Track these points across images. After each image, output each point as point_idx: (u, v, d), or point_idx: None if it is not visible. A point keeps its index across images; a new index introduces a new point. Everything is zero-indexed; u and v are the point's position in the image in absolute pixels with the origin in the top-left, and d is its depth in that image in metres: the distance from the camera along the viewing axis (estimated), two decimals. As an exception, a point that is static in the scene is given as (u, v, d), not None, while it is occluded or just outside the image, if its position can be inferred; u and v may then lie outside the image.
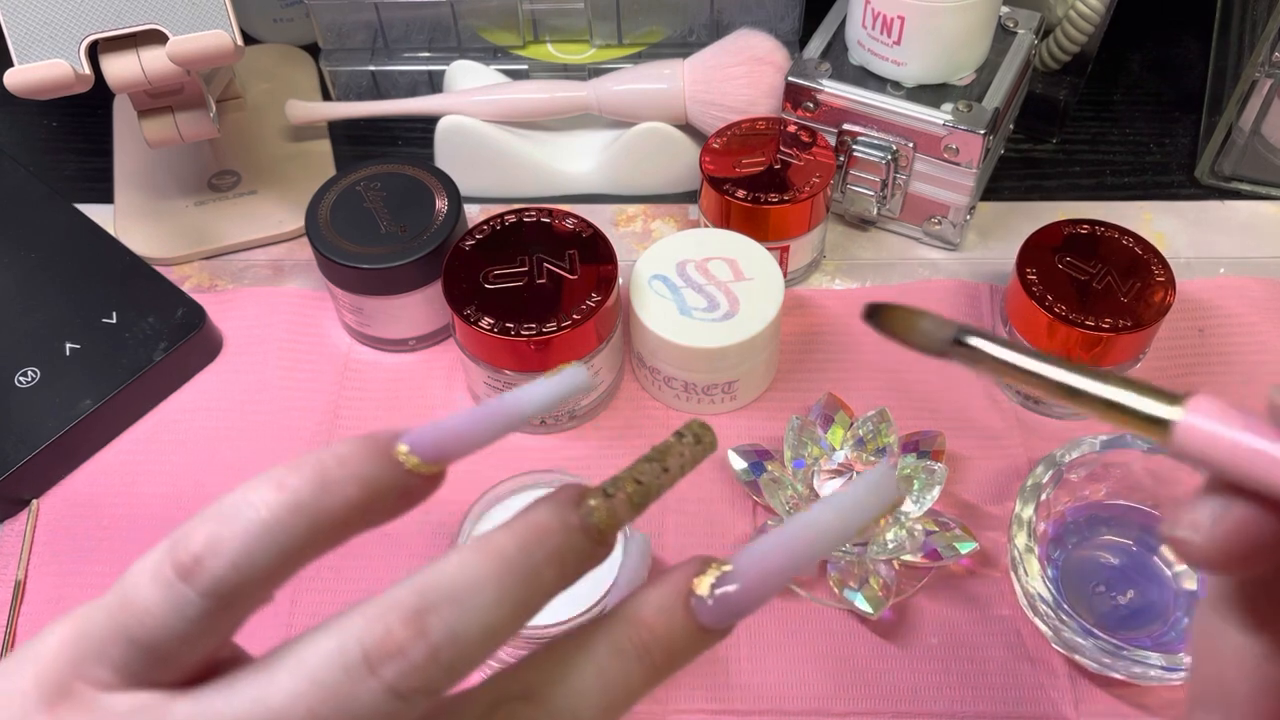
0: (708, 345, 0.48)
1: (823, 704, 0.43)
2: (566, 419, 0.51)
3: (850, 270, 0.57)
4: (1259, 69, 0.55)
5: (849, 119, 0.54)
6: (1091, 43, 0.59)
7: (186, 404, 0.53)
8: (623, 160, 0.59)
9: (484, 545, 0.22)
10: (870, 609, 0.44)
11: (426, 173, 0.53)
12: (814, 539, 0.24)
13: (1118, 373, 0.23)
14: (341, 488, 0.22)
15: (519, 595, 0.22)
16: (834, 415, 0.49)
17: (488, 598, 0.22)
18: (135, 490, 0.50)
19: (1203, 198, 0.60)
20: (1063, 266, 0.49)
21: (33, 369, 0.51)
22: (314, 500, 0.22)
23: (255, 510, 0.21)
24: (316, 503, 0.22)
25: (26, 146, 0.65)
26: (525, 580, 0.22)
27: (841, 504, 0.24)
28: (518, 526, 0.23)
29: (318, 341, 0.55)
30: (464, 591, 0.21)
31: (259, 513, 0.21)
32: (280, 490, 0.22)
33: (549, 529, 0.23)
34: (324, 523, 0.22)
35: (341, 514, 0.22)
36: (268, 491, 0.22)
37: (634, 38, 0.63)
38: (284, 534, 0.21)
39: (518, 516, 0.23)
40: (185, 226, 0.59)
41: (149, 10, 0.45)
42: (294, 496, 0.22)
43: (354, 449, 0.23)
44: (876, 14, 0.51)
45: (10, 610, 0.46)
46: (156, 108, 0.51)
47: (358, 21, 0.62)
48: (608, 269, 0.48)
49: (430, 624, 0.21)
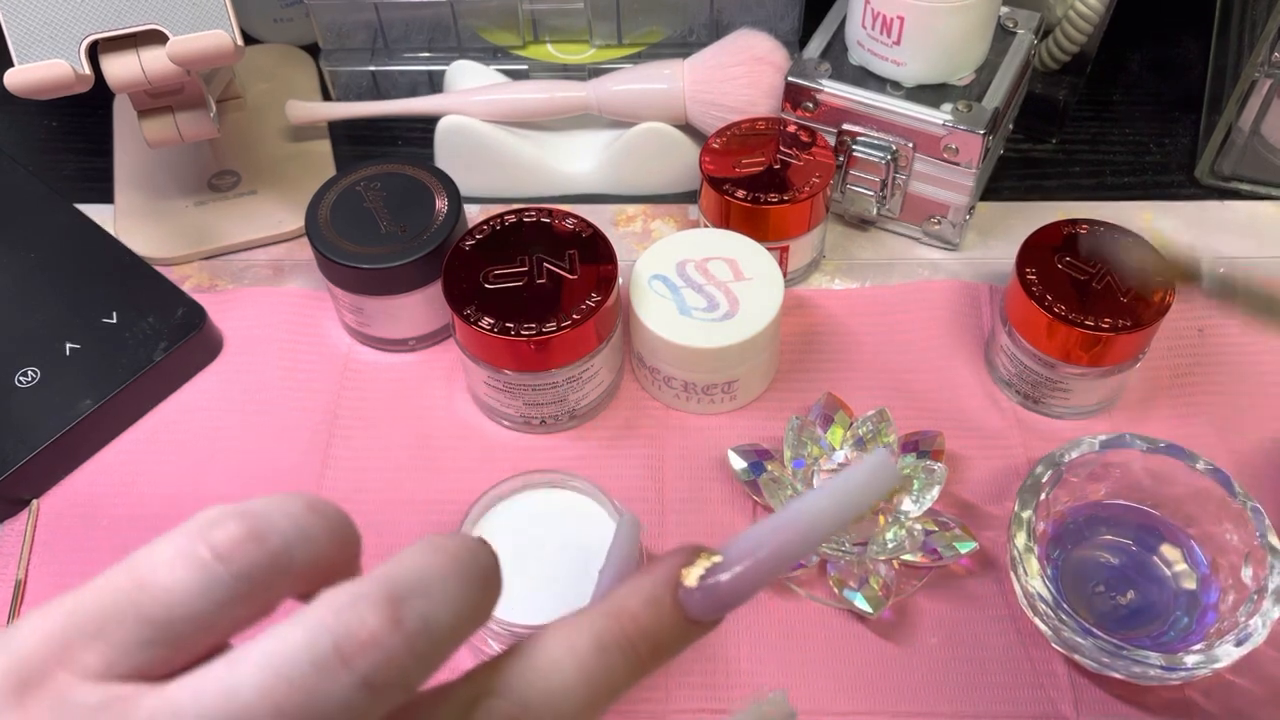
0: (708, 345, 0.48)
1: (823, 704, 0.43)
2: (566, 419, 0.51)
3: (850, 270, 0.57)
4: (1259, 69, 0.55)
5: (849, 119, 0.54)
6: (1091, 43, 0.59)
7: (186, 404, 0.53)
8: (623, 160, 0.59)
9: (432, 545, 0.22)
10: (870, 609, 0.44)
11: (426, 173, 0.53)
12: (807, 527, 0.23)
13: None
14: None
15: (478, 592, 0.22)
16: (834, 415, 0.49)
17: (453, 588, 0.21)
18: (135, 490, 0.50)
19: (1202, 198, 0.60)
20: (1062, 266, 0.49)
21: (33, 369, 0.51)
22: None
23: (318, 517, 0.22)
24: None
25: (26, 146, 0.65)
26: (480, 576, 0.22)
27: (836, 490, 0.24)
28: (456, 536, 0.23)
29: (318, 341, 0.55)
30: (431, 583, 0.21)
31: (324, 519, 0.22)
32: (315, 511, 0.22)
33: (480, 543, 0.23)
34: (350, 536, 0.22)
35: None
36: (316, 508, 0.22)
37: (634, 38, 0.63)
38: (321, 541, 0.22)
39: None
40: (185, 226, 0.59)
41: (149, 10, 0.45)
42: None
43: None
44: (876, 14, 0.51)
45: (10, 610, 0.46)
46: (156, 108, 0.51)
47: (358, 21, 0.62)
48: (608, 269, 0.48)
49: (404, 613, 0.20)
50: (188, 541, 0.21)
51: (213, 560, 0.21)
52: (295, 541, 0.21)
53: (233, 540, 0.21)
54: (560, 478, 0.44)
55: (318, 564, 0.22)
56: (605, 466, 0.50)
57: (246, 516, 0.21)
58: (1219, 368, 0.53)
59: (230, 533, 0.21)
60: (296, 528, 0.22)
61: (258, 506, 0.22)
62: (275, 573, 0.21)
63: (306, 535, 0.22)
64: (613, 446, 0.51)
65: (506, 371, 0.48)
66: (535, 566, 0.43)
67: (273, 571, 0.21)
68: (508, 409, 0.50)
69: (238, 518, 0.21)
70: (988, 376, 0.53)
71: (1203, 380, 0.52)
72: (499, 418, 0.51)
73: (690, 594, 0.23)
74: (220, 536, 0.21)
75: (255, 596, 0.21)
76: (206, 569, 0.21)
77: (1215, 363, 0.53)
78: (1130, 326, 0.47)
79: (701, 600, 0.23)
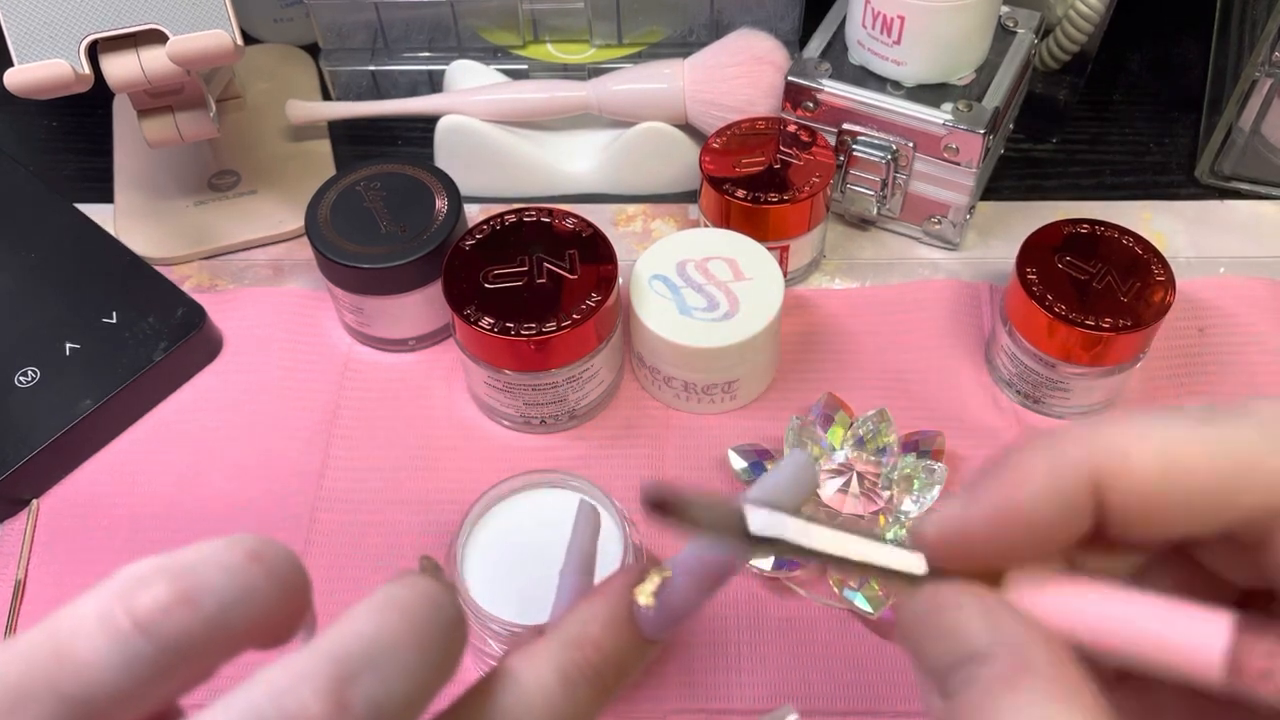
0: (708, 345, 0.48)
1: (823, 704, 0.43)
2: (566, 419, 0.51)
3: (850, 270, 0.57)
4: (1259, 69, 0.55)
5: (849, 119, 0.54)
6: (1091, 43, 0.59)
7: (186, 404, 0.53)
8: (623, 160, 0.59)
9: (387, 601, 0.20)
10: (870, 609, 0.44)
11: (426, 172, 0.53)
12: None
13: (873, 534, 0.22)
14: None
15: (437, 655, 0.20)
16: (834, 415, 0.49)
17: (408, 657, 0.19)
18: (135, 490, 0.50)
19: (1202, 197, 0.60)
20: (1063, 266, 0.49)
21: (33, 369, 0.51)
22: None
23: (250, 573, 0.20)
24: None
25: (26, 146, 0.65)
26: (441, 634, 0.20)
27: (762, 493, 0.23)
28: (415, 584, 0.21)
29: (318, 341, 0.55)
30: (383, 653, 0.19)
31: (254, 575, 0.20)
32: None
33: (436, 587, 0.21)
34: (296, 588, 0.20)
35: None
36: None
37: (634, 38, 0.63)
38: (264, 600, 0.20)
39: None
40: (185, 226, 0.59)
41: (149, 10, 0.45)
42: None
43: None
44: (876, 14, 0.51)
45: (10, 610, 0.46)
46: (156, 107, 0.51)
47: (358, 21, 0.62)
48: (608, 269, 0.48)
49: (352, 696, 0.18)
50: (109, 605, 0.19)
51: (133, 631, 0.18)
52: (233, 601, 0.19)
53: (159, 605, 0.18)
54: (560, 478, 0.44)
55: (261, 621, 0.20)
56: (605, 466, 0.50)
57: (178, 576, 0.19)
58: (1219, 368, 0.53)
59: (157, 596, 0.19)
60: (235, 585, 0.19)
61: (191, 560, 0.19)
62: (209, 640, 0.19)
63: (246, 591, 0.19)
64: (613, 446, 0.51)
65: (506, 371, 0.48)
66: (535, 566, 0.43)
67: (206, 639, 0.19)
68: (508, 409, 0.50)
69: (167, 577, 0.19)
70: (988, 376, 0.53)
71: (1203, 380, 0.52)
72: (499, 418, 0.51)
73: (645, 613, 0.23)
74: (145, 601, 0.18)
75: (187, 667, 0.19)
76: (127, 642, 0.18)
77: (1215, 363, 0.53)
78: (1130, 326, 0.47)
79: (656, 617, 0.23)
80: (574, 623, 0.23)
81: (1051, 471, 0.20)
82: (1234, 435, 0.20)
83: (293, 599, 0.20)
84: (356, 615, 0.20)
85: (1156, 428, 0.20)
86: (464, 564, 0.42)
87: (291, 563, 0.20)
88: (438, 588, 0.21)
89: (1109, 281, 0.48)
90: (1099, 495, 0.20)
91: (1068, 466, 0.20)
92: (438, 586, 0.21)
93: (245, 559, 0.20)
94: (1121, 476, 0.20)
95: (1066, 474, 0.20)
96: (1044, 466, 0.20)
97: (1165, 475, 0.20)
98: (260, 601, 0.20)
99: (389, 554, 0.48)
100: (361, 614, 0.20)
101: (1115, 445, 0.20)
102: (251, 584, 0.19)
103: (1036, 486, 0.20)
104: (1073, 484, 0.20)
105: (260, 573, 0.20)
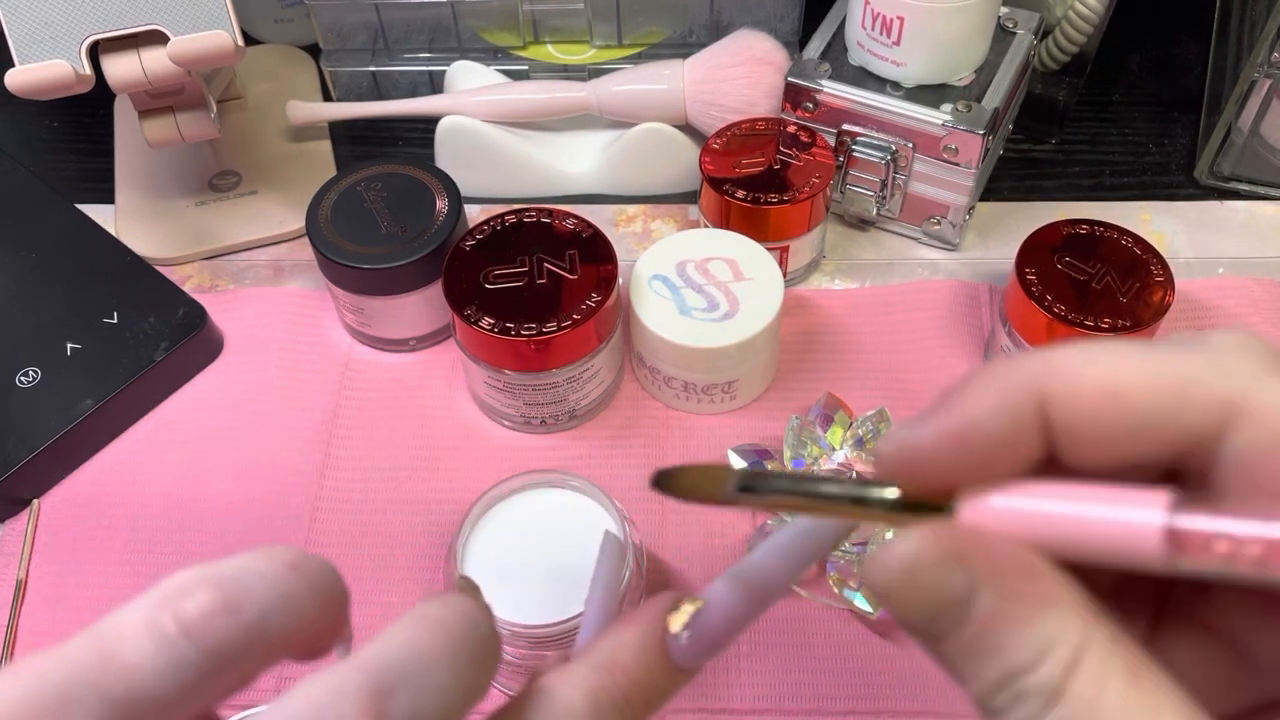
0: (708, 345, 0.48)
1: (822, 704, 0.43)
2: (566, 419, 0.51)
3: (850, 270, 0.57)
4: (1258, 69, 0.55)
5: (848, 119, 0.54)
6: (1091, 43, 0.59)
7: (187, 404, 0.53)
8: (623, 160, 0.59)
9: (424, 619, 0.21)
10: (870, 608, 0.44)
11: (427, 173, 0.53)
12: (790, 561, 0.23)
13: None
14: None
15: (473, 671, 0.20)
16: (834, 415, 0.49)
17: (445, 673, 0.20)
18: (136, 490, 0.50)
19: (1202, 198, 0.60)
20: (1062, 267, 0.49)
21: (33, 369, 0.51)
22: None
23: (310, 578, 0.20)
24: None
25: (27, 147, 0.65)
26: (478, 650, 0.21)
27: (809, 527, 0.24)
28: (451, 602, 0.22)
29: (318, 341, 0.55)
30: (421, 669, 0.20)
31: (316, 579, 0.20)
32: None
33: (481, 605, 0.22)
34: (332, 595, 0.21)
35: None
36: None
37: (634, 38, 0.63)
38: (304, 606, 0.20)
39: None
40: (186, 226, 0.59)
41: (150, 11, 0.45)
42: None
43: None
44: (876, 14, 0.51)
45: (11, 610, 0.46)
46: (157, 108, 0.51)
47: (358, 22, 0.62)
48: (608, 269, 0.48)
49: (390, 710, 0.19)
50: (155, 612, 0.19)
51: (179, 636, 0.19)
52: (273, 610, 0.20)
53: (203, 612, 0.19)
54: (560, 478, 0.44)
55: (299, 631, 0.20)
56: (605, 466, 0.50)
57: (220, 584, 0.19)
58: (1218, 368, 0.53)
59: (200, 604, 0.19)
60: (275, 593, 0.20)
61: (233, 570, 0.20)
62: (250, 647, 0.19)
63: (286, 601, 0.20)
64: (613, 446, 0.51)
65: (506, 371, 0.48)
66: (535, 566, 0.43)
67: (247, 646, 0.19)
68: (508, 409, 0.50)
69: (210, 585, 0.19)
70: (987, 376, 0.53)
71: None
72: (499, 418, 0.51)
73: (678, 641, 0.23)
74: (190, 608, 0.19)
75: (228, 673, 0.19)
76: (173, 646, 0.19)
77: (1215, 363, 0.53)
78: (1130, 326, 0.47)
79: (689, 647, 0.23)
80: (606, 648, 0.23)
81: (1001, 390, 0.21)
82: (1179, 359, 0.20)
83: (331, 611, 0.21)
84: (395, 631, 0.20)
85: (1105, 352, 0.20)
86: (464, 564, 0.42)
87: (331, 575, 0.21)
88: (475, 607, 0.21)
89: (1108, 282, 0.48)
90: (1046, 414, 0.20)
91: (1017, 386, 0.21)
92: (475, 606, 0.21)
93: (286, 569, 0.20)
94: (1067, 396, 0.20)
95: (1015, 393, 0.20)
96: (995, 386, 0.21)
97: (1107, 395, 0.20)
98: (299, 612, 0.20)
99: (389, 554, 0.48)
100: (400, 630, 0.20)
101: (1063, 366, 0.20)
102: (291, 594, 0.20)
103: (987, 404, 0.21)
104: (1021, 402, 0.20)
105: (300, 583, 0.20)
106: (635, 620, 0.24)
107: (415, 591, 0.47)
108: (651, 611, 0.24)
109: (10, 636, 0.46)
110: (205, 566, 0.20)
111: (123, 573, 0.48)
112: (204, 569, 0.20)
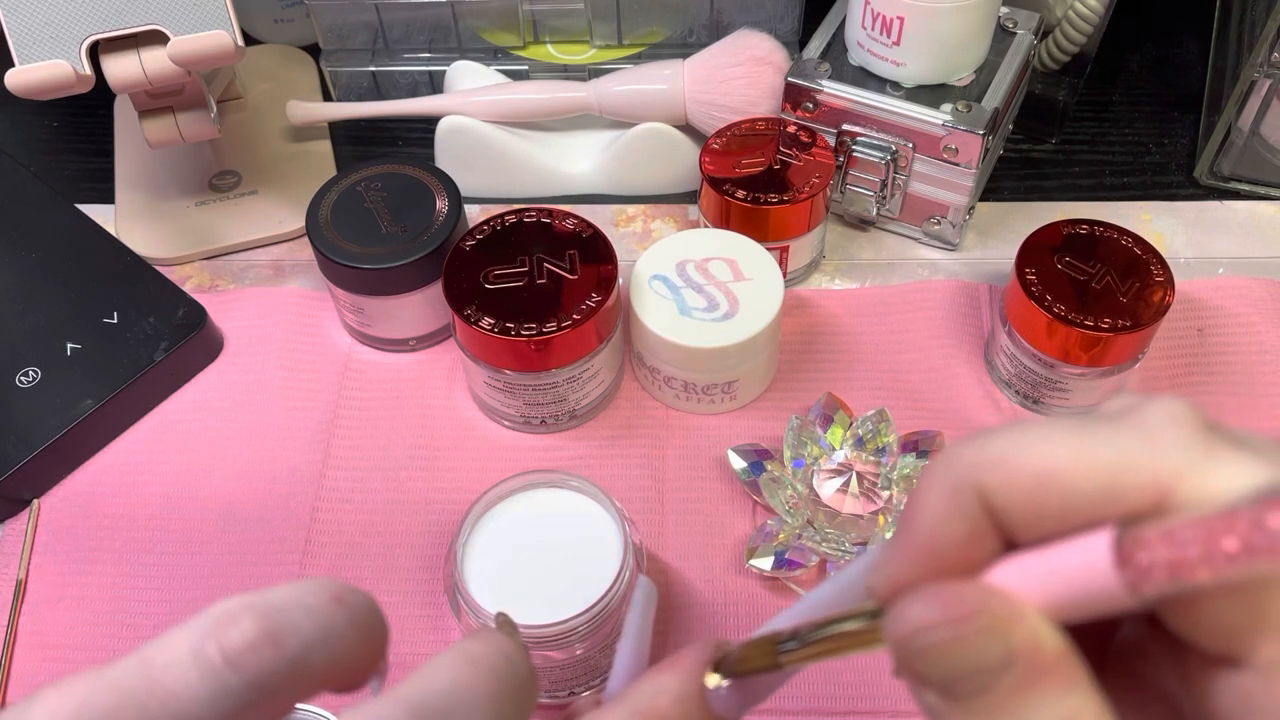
0: (708, 345, 0.48)
1: (822, 704, 0.43)
2: (566, 419, 0.51)
3: (850, 270, 0.57)
4: (1258, 69, 0.55)
5: (848, 119, 0.54)
6: (1091, 43, 0.59)
7: (187, 404, 0.53)
8: (623, 160, 0.59)
9: (465, 656, 0.21)
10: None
11: (427, 173, 0.53)
12: (827, 603, 0.23)
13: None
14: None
15: (511, 710, 0.21)
16: (833, 415, 0.49)
17: (484, 711, 0.20)
18: (136, 490, 0.50)
19: (1202, 198, 0.60)
20: (1062, 267, 0.49)
21: (34, 369, 0.51)
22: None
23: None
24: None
25: (28, 147, 0.65)
26: (517, 690, 0.21)
27: (855, 570, 0.24)
28: (491, 640, 0.22)
29: (318, 341, 0.55)
30: (461, 707, 0.20)
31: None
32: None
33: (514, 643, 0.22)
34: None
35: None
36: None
37: (634, 38, 0.63)
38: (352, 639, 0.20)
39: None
40: (186, 226, 0.59)
41: (150, 11, 0.45)
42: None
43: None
44: (876, 14, 0.51)
45: (11, 610, 0.46)
46: (157, 108, 0.51)
47: (358, 22, 0.62)
48: (608, 269, 0.48)
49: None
50: (201, 640, 0.19)
51: (224, 666, 0.19)
52: (316, 643, 0.20)
53: (248, 643, 0.19)
54: (560, 478, 0.44)
55: (340, 664, 0.20)
56: (605, 466, 0.50)
57: (266, 614, 0.20)
58: (1218, 368, 0.53)
59: (245, 634, 0.19)
60: (319, 627, 0.20)
61: (279, 600, 0.20)
62: (291, 679, 0.20)
63: (329, 635, 0.20)
64: (613, 446, 0.51)
65: (507, 371, 0.48)
66: (535, 567, 0.43)
67: (289, 678, 0.20)
68: (508, 409, 0.50)
69: (256, 616, 0.20)
70: (987, 376, 0.53)
71: (1202, 380, 0.52)
72: (499, 418, 0.51)
73: (718, 691, 0.23)
74: (235, 637, 0.19)
75: (268, 704, 0.20)
76: (217, 676, 0.19)
77: (1214, 363, 0.53)
78: (1130, 326, 0.47)
79: (729, 696, 0.23)
80: (644, 694, 0.23)
81: (946, 493, 0.21)
82: (1111, 438, 0.20)
83: (370, 645, 0.21)
84: (436, 667, 0.20)
85: (1035, 437, 0.20)
86: (464, 564, 0.42)
87: (373, 611, 0.21)
88: (512, 644, 0.22)
89: (1108, 282, 0.48)
90: (989, 505, 0.20)
91: (959, 484, 0.21)
92: (512, 643, 0.22)
93: (330, 603, 0.20)
94: (1003, 485, 0.20)
95: (958, 491, 0.20)
96: (941, 489, 0.21)
97: (1041, 482, 0.20)
98: (341, 646, 0.20)
99: (389, 554, 0.48)
100: (441, 667, 0.20)
101: (998, 455, 0.20)
102: (334, 628, 0.20)
103: (940, 510, 0.21)
104: (967, 500, 0.20)
105: (343, 618, 0.20)
106: (674, 667, 0.23)
107: (415, 591, 0.47)
108: (690, 659, 0.23)
109: (10, 636, 0.46)
110: (251, 595, 0.20)
111: (122, 573, 0.48)
112: (250, 598, 0.20)
